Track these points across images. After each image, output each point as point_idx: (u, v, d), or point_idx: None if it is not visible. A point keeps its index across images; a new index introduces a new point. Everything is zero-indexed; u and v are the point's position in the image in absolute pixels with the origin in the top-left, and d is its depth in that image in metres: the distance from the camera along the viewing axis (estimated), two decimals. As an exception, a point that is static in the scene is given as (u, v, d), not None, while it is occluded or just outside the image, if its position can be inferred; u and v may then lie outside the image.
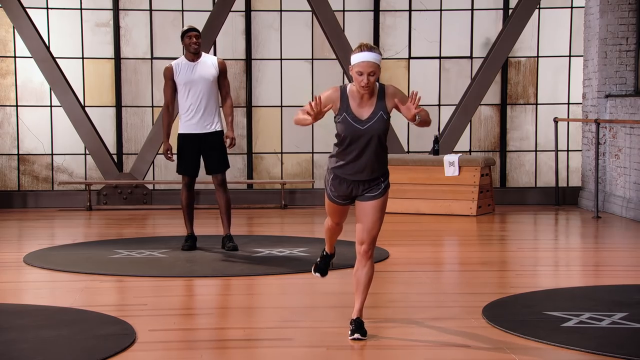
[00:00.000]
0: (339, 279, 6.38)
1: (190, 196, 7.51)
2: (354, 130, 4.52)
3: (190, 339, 4.76)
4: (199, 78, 7.36)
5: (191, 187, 7.52)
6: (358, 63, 4.45)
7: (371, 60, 4.44)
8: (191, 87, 7.35)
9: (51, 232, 9.46)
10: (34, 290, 6.16)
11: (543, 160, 11.76)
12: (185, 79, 7.36)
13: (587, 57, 11.15)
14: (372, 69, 4.44)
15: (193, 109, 7.36)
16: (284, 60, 11.57)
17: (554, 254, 7.95)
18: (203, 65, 7.40)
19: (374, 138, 4.53)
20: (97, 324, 4.96)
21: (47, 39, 11.24)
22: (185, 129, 7.41)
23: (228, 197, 7.47)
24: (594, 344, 4.52)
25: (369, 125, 4.51)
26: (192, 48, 7.37)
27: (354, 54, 4.49)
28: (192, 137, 7.39)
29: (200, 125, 7.38)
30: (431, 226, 9.40)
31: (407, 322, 5.04)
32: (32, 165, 11.42)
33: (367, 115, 4.52)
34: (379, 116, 4.52)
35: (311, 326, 4.98)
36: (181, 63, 7.43)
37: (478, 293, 5.86)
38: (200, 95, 7.35)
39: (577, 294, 5.84)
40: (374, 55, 4.46)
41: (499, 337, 4.68)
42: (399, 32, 11.63)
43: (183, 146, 7.44)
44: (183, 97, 7.39)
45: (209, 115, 7.38)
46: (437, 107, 11.65)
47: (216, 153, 7.41)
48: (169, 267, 6.82)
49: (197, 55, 7.42)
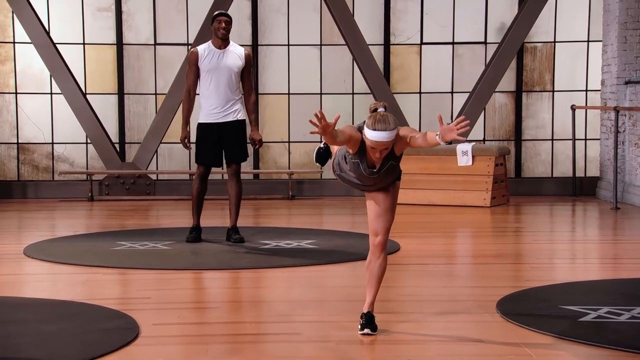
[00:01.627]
0: (348, 272, 6.39)
1: (202, 187, 7.47)
2: (363, 176, 4.55)
3: (195, 333, 4.77)
4: (224, 67, 7.29)
5: (205, 179, 7.48)
6: (373, 141, 4.35)
7: (385, 140, 4.35)
8: (215, 75, 7.28)
9: (52, 224, 9.49)
10: (34, 283, 6.19)
11: (560, 150, 11.73)
12: (210, 66, 7.29)
13: (606, 42, 11.09)
14: (385, 146, 4.38)
15: (215, 98, 7.30)
16: (292, 46, 11.55)
17: (570, 246, 7.93)
18: (230, 55, 7.33)
19: (385, 176, 4.55)
20: (100, 317, 4.98)
21: (47, 24, 11.24)
22: (206, 119, 7.36)
23: (240, 188, 7.45)
24: (613, 339, 4.51)
25: (379, 174, 4.52)
26: (220, 33, 7.29)
27: (367, 128, 4.35)
28: (213, 126, 7.33)
29: (221, 114, 7.32)
30: (443, 218, 9.39)
31: (418, 317, 5.04)
32: (32, 154, 11.45)
33: (378, 164, 4.50)
34: (389, 165, 4.50)
35: (320, 320, 4.98)
36: (208, 48, 7.35)
37: (492, 287, 5.86)
38: (222, 84, 7.28)
39: (594, 288, 5.83)
40: (388, 134, 4.33)
41: (514, 332, 4.68)
42: (411, 17, 11.59)
43: (203, 136, 7.37)
44: (205, 84, 7.34)
45: (230, 104, 7.33)
46: (449, 95, 11.62)
47: (236, 142, 7.36)
48: (173, 259, 6.83)
49: (225, 42, 7.35)
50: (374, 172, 4.50)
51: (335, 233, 8.14)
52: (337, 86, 11.58)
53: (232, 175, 7.41)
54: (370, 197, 4.66)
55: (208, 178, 7.51)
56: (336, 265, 6.61)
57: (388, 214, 4.62)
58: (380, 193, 4.63)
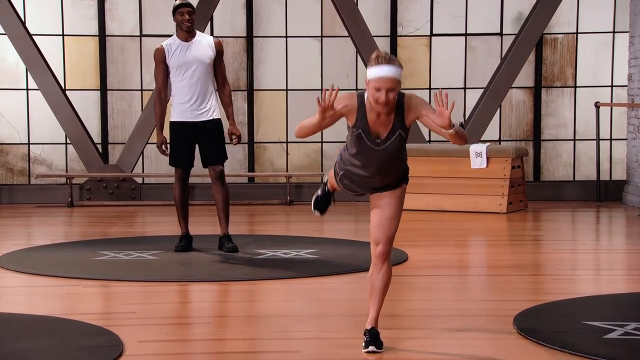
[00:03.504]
0: (351, 284, 6.39)
1: (184, 191, 7.53)
2: (369, 149, 4.50)
3: (184, 351, 4.78)
4: (193, 60, 7.37)
5: (185, 181, 7.53)
6: (375, 78, 4.35)
7: (391, 76, 4.34)
8: (185, 70, 7.37)
9: (28, 231, 9.49)
10: (9, 297, 6.19)
11: (582, 151, 11.74)
12: (178, 61, 7.37)
13: (634, 34, 11.10)
14: (391, 85, 4.34)
15: (187, 94, 7.38)
16: (290, 38, 11.57)
17: (594, 256, 7.94)
18: (198, 46, 7.41)
19: (392, 156, 4.52)
20: (80, 334, 4.98)
21: (22, 13, 11.26)
22: (179, 117, 7.43)
23: (226, 192, 7.49)
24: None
25: (386, 146, 4.48)
26: (184, 26, 7.38)
27: (370, 66, 4.38)
28: (186, 125, 7.40)
29: (195, 112, 7.39)
30: (455, 225, 9.40)
31: (428, 333, 5.05)
32: (6, 156, 11.46)
33: (384, 133, 4.47)
34: (397, 135, 4.48)
35: (320, 337, 4.99)
36: (173, 43, 7.44)
37: (508, 300, 5.86)
38: (195, 79, 7.36)
39: (621, 302, 5.83)
40: (394, 70, 4.33)
41: (532, 350, 4.68)
42: (420, 6, 11.61)
43: (176, 135, 7.45)
44: (176, 81, 7.41)
45: (204, 101, 7.39)
46: (462, 91, 11.64)
47: (214, 143, 7.42)
48: (161, 270, 6.84)
49: (191, 34, 7.43)
50: (379, 142, 4.49)
51: (337, 242, 8.15)
52: (340, 81, 11.59)
53: (215, 178, 7.45)
54: (374, 202, 4.66)
55: (189, 180, 7.56)
56: (338, 276, 6.61)
57: (392, 222, 4.60)
58: (384, 198, 4.62)
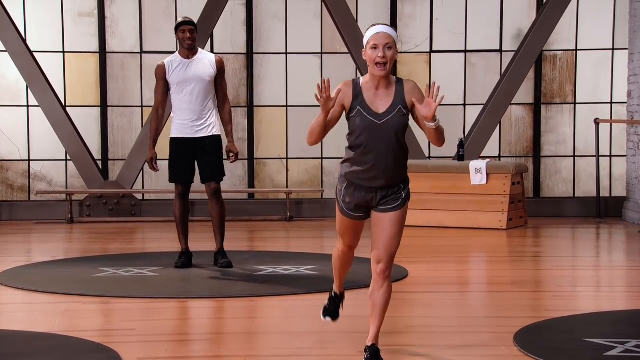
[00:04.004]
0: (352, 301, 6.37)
1: (184, 207, 7.54)
2: (369, 125, 4.49)
3: (184, 369, 4.76)
4: (194, 77, 7.40)
5: (185, 197, 7.55)
6: (372, 36, 4.51)
7: (387, 32, 4.52)
8: (185, 87, 7.40)
9: (28, 248, 9.48)
10: (8, 314, 6.17)
11: (582, 167, 11.74)
12: (179, 78, 7.40)
13: (633, 50, 11.13)
14: (388, 41, 4.50)
15: (187, 110, 7.40)
16: (290, 55, 11.59)
17: (595, 273, 7.93)
18: (199, 63, 7.43)
19: (393, 136, 4.51)
20: (80, 351, 4.97)
21: (23, 30, 11.29)
22: (178, 133, 7.45)
23: (222, 209, 7.51)
24: (641, 375, 4.50)
25: (387, 120, 4.50)
26: (185, 44, 7.41)
27: (366, 32, 4.57)
28: (186, 141, 7.42)
29: (194, 129, 7.41)
30: (455, 241, 9.39)
31: (428, 350, 5.04)
32: (7, 172, 11.46)
33: (384, 108, 4.51)
34: (397, 110, 4.51)
35: (320, 354, 4.98)
36: (175, 60, 7.47)
37: (509, 317, 5.85)
38: (195, 96, 7.39)
39: (622, 319, 5.82)
40: (389, 29, 4.55)
41: (533, 367, 4.67)
42: (420, 23, 11.64)
43: (175, 152, 7.47)
44: (176, 97, 7.44)
45: (204, 118, 7.42)
46: (462, 107, 11.65)
47: (212, 159, 7.44)
48: (160, 287, 6.83)
49: (193, 52, 7.46)
50: (379, 116, 4.50)
51: (338, 258, 8.13)
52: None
53: (212, 195, 7.48)
54: (376, 220, 4.65)
55: (189, 196, 7.58)
56: (338, 293, 6.60)
57: (393, 241, 4.60)
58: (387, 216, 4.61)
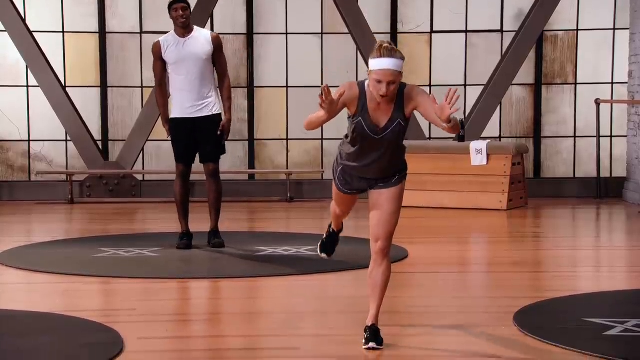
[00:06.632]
0: (352, 281, 6.39)
1: (185, 188, 7.53)
2: (367, 137, 4.52)
3: (184, 348, 4.77)
4: (189, 55, 7.35)
5: (186, 177, 7.53)
6: (376, 70, 4.38)
7: (392, 69, 4.37)
8: (183, 66, 7.35)
9: (28, 228, 9.49)
10: (9, 294, 6.19)
11: (583, 148, 11.73)
12: (174, 57, 7.36)
13: (634, 30, 11.09)
14: (392, 78, 4.38)
15: (185, 89, 7.36)
16: (290, 35, 11.56)
17: (595, 253, 7.94)
18: (194, 41, 7.39)
19: (390, 145, 4.53)
20: (81, 331, 4.98)
21: (22, 10, 11.25)
22: (178, 113, 7.43)
23: (219, 189, 7.50)
24: (641, 355, 4.51)
25: (385, 134, 4.50)
26: (179, 22, 7.36)
27: (372, 58, 4.42)
28: (186, 121, 7.40)
29: (194, 108, 7.38)
30: (456, 222, 9.39)
31: (428, 330, 5.05)
32: (7, 152, 11.46)
33: (384, 122, 4.49)
34: (396, 124, 4.49)
35: (320, 334, 4.99)
36: (170, 39, 7.43)
37: (509, 297, 5.86)
38: (192, 74, 7.34)
39: (621, 299, 5.83)
40: (395, 62, 4.38)
41: (533, 347, 4.68)
42: (420, 3, 11.60)
43: (176, 131, 7.45)
44: (174, 76, 7.41)
45: (203, 97, 7.38)
46: (462, 88, 11.62)
47: (212, 139, 7.42)
48: (161, 267, 6.84)
49: (187, 30, 7.41)
50: (378, 131, 4.49)
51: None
52: (340, 78, 11.55)
53: (209, 175, 7.47)
54: (373, 199, 4.66)
55: (190, 177, 7.56)
56: (338, 273, 6.61)
57: (391, 218, 4.61)
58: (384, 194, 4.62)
